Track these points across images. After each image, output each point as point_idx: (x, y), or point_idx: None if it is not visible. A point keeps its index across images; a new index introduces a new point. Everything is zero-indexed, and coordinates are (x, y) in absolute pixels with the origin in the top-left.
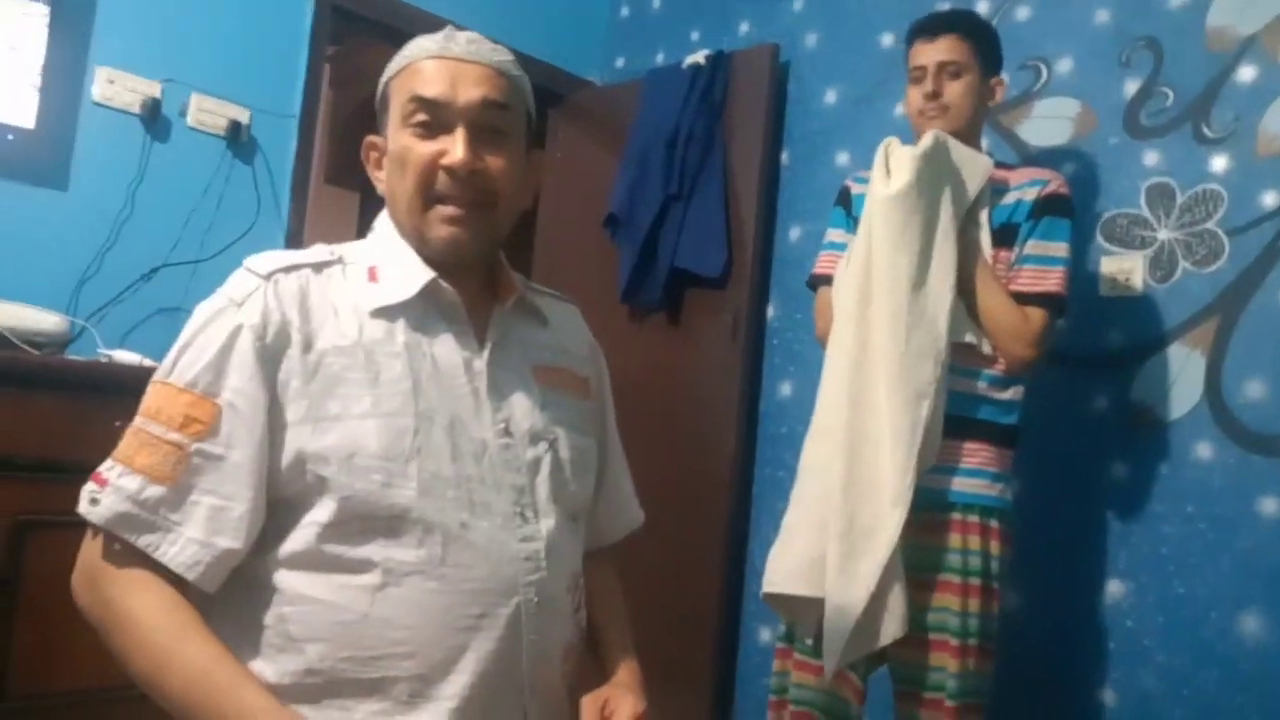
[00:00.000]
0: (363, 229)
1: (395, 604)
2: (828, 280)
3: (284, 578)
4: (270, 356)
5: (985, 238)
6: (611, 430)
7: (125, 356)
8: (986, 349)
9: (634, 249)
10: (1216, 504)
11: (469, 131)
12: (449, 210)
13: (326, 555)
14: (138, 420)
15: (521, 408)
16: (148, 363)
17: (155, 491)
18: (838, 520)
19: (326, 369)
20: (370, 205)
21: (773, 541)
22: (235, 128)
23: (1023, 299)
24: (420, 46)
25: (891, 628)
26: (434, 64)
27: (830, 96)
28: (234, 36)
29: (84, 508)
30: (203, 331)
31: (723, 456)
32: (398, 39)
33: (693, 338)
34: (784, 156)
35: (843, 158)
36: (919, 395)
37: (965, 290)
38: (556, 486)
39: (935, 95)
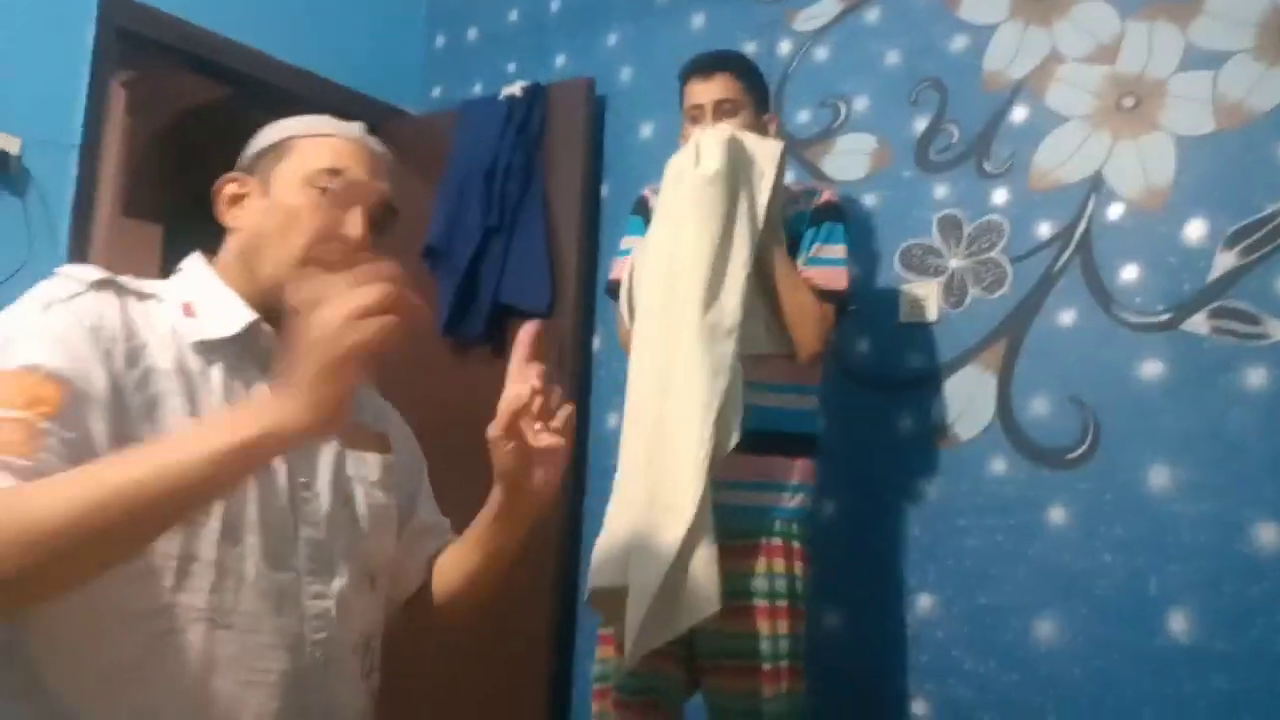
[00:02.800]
0: (169, 264)
1: (176, 652)
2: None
3: (43, 623)
4: (104, 359)
5: (782, 234)
6: (424, 480)
7: None
8: (785, 348)
9: (454, 281)
10: (1012, 516)
11: (367, 215)
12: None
13: (103, 596)
14: None
15: (324, 462)
16: None
17: (20, 462)
18: (640, 500)
19: (146, 389)
20: (177, 238)
21: None
22: (2, 158)
23: (817, 295)
24: (337, 124)
25: (701, 605)
26: (354, 146)
27: (646, 130)
28: (3, 61)
29: None
30: (36, 321)
31: None
32: (197, 65)
33: None
34: (604, 188)
35: None
36: (715, 371)
37: (763, 279)
38: (351, 543)
39: None
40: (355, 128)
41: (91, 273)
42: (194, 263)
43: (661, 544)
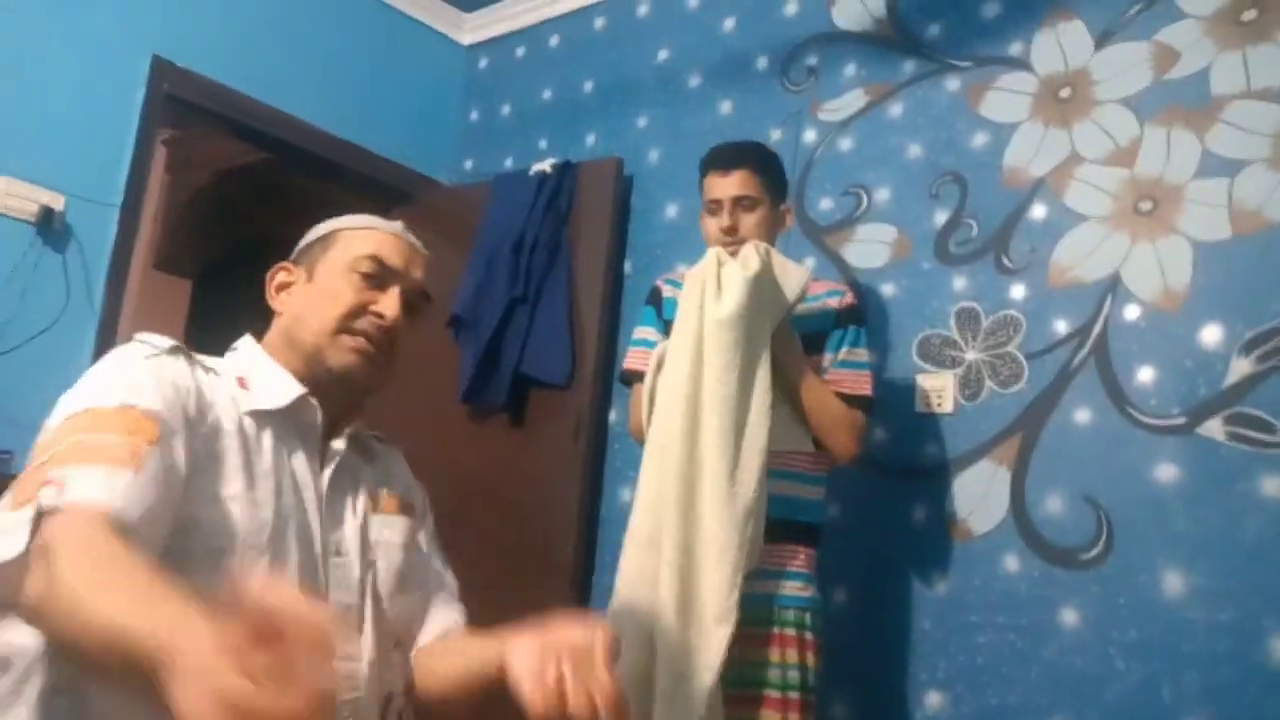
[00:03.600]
0: (195, 317)
1: None
2: (640, 377)
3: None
4: (182, 410)
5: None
6: (436, 556)
7: None
8: (810, 447)
9: (477, 351)
10: (1024, 614)
11: (403, 297)
12: (357, 342)
13: None
14: (73, 438)
15: (351, 528)
16: None
17: (124, 475)
18: (670, 639)
19: (212, 443)
20: (206, 293)
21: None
22: (47, 214)
23: (846, 400)
24: (380, 222)
25: None
26: (395, 240)
27: (671, 210)
28: (54, 120)
29: (49, 500)
30: (125, 371)
31: (562, 560)
32: (238, 129)
33: (535, 440)
34: (627, 266)
35: (681, 269)
36: (746, 513)
37: (790, 391)
38: (377, 607)
39: (732, 230)
40: (396, 225)
41: (165, 340)
42: (247, 343)
43: (691, 692)
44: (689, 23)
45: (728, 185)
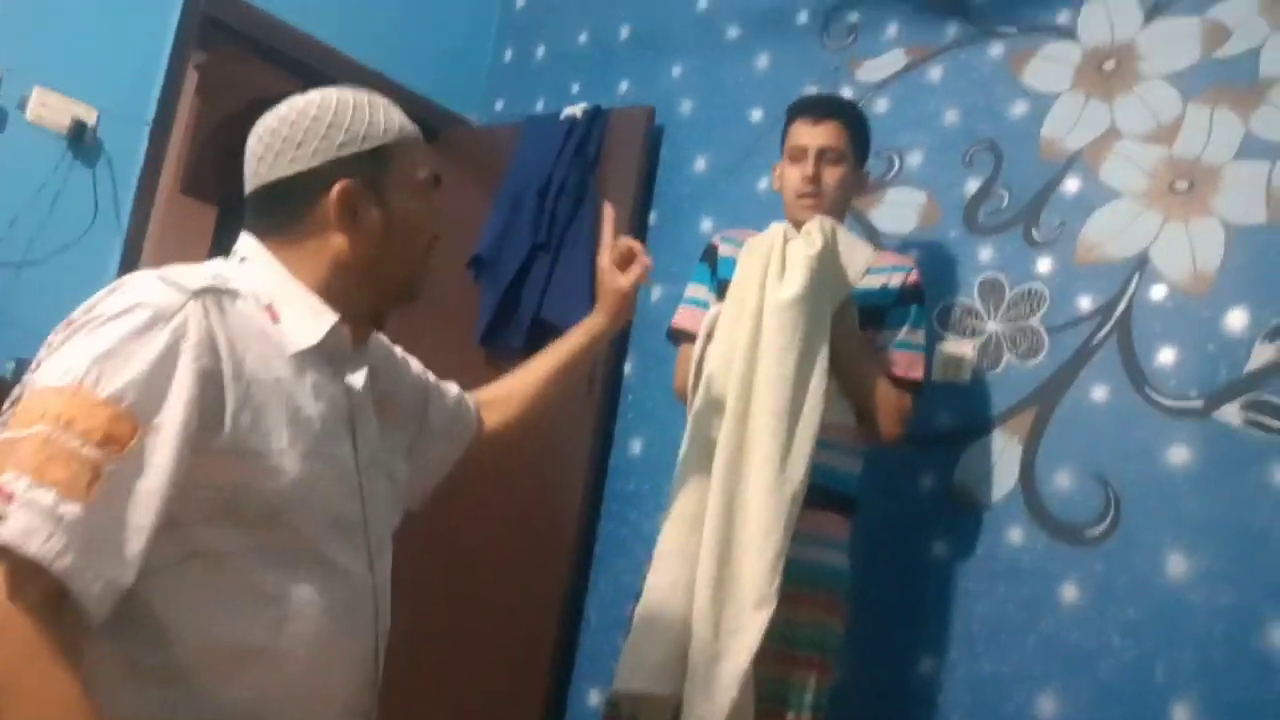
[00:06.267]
0: (219, 243)
1: (294, 640)
2: (690, 337)
3: (179, 595)
4: (208, 380)
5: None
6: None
7: None
8: (853, 423)
9: (497, 293)
10: (1024, 586)
11: None
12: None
13: (240, 576)
14: (43, 428)
15: (374, 445)
16: None
17: (72, 510)
18: (705, 620)
19: (252, 400)
20: (230, 220)
21: (610, 598)
22: (79, 127)
23: (898, 383)
24: (409, 125)
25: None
26: (428, 146)
27: (700, 163)
28: (89, 32)
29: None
30: (132, 342)
31: (568, 508)
32: (269, 55)
33: None
34: (652, 217)
35: (707, 224)
36: (794, 498)
37: (839, 368)
38: (393, 514)
39: (814, 180)
40: (413, 124)
41: (191, 279)
42: (255, 251)
43: (725, 672)
44: None
45: (816, 134)
